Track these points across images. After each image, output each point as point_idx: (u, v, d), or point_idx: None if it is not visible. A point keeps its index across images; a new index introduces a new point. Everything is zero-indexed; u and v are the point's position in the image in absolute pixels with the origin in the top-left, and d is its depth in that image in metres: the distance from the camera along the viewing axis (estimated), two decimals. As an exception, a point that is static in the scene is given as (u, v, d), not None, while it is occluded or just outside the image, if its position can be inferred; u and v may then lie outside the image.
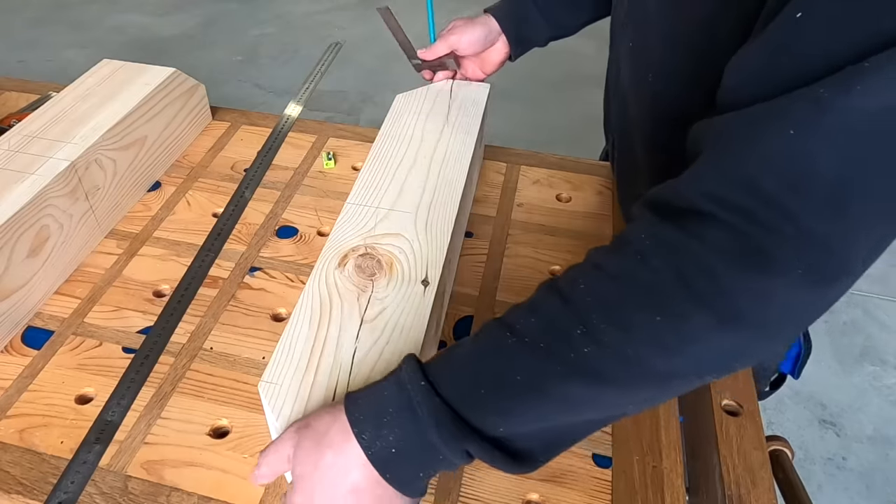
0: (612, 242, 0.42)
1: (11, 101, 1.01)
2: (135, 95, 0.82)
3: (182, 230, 0.79)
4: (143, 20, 3.18)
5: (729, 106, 0.40)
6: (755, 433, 0.62)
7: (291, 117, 0.97)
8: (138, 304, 0.70)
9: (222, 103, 1.02)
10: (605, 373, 0.38)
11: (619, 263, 0.40)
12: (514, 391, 0.40)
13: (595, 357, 0.38)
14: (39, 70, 2.79)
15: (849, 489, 1.46)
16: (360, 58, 2.81)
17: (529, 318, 0.41)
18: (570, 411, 0.40)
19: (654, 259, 0.38)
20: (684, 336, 0.37)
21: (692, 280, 0.36)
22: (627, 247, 0.40)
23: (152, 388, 0.62)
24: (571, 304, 0.40)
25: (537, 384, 0.39)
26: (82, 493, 0.54)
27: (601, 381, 0.38)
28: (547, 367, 0.39)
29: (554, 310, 0.40)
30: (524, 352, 0.40)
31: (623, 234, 0.41)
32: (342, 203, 0.66)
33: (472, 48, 0.81)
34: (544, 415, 0.40)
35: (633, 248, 0.39)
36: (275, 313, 0.69)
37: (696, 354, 0.37)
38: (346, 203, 0.65)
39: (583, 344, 0.38)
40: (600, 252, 0.42)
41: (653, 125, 0.64)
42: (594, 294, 0.39)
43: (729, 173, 0.37)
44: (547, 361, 0.39)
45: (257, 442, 0.58)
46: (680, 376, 0.39)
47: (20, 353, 0.65)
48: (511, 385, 0.40)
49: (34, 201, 0.66)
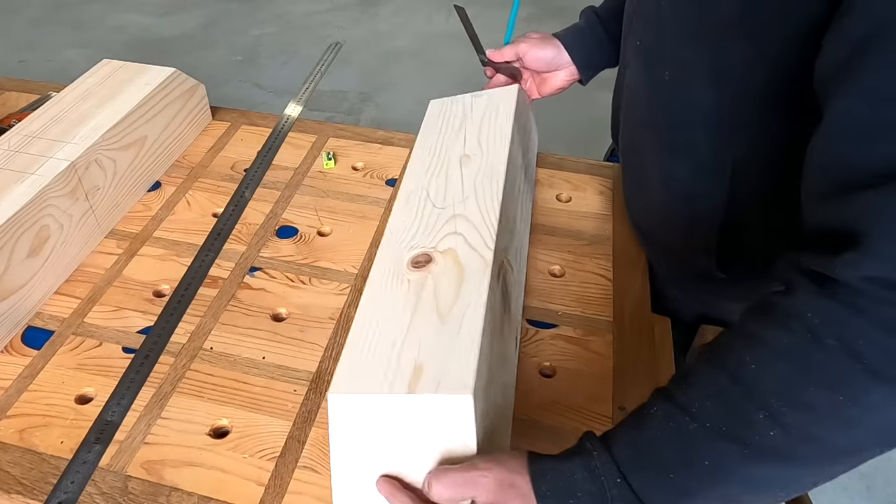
0: (768, 310, 0.42)
1: (11, 101, 1.01)
2: (135, 95, 0.82)
3: (182, 230, 0.79)
4: (144, 20, 3.18)
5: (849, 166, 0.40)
6: (755, 433, 0.62)
7: (291, 117, 0.97)
8: (138, 304, 0.70)
9: (222, 103, 1.02)
10: (791, 454, 0.39)
11: (789, 341, 0.40)
12: (700, 476, 0.41)
13: (781, 439, 0.39)
14: (39, 70, 2.79)
15: (849, 489, 1.46)
16: (360, 58, 2.81)
17: (705, 402, 0.41)
18: (754, 491, 0.41)
19: (826, 338, 0.38)
20: (864, 410, 0.38)
21: (867, 356, 0.37)
22: (793, 322, 0.40)
23: (152, 388, 0.62)
24: (745, 385, 0.40)
25: (724, 468, 0.40)
26: (82, 493, 0.54)
27: (788, 462, 0.40)
28: (733, 452, 0.40)
29: (728, 392, 0.41)
30: (709, 438, 0.41)
31: (784, 306, 0.41)
32: (342, 203, 0.66)
33: (536, 64, 0.81)
34: (728, 495, 0.41)
35: (801, 324, 0.39)
36: (275, 313, 0.69)
37: (876, 427, 0.38)
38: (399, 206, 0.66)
39: (767, 428, 0.39)
40: (760, 323, 0.42)
41: (667, 126, 0.64)
42: (769, 376, 0.40)
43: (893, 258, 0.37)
44: (733, 446, 0.40)
45: (257, 442, 0.58)
46: (863, 450, 0.40)
47: (20, 353, 0.65)
48: (698, 470, 0.41)
49: (34, 201, 0.66)
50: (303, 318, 0.69)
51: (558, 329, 0.68)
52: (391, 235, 0.62)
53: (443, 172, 0.69)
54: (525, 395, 0.62)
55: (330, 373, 0.63)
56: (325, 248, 0.77)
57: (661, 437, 0.43)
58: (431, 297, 0.55)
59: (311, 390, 0.62)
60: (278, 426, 0.59)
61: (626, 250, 0.77)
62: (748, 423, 0.40)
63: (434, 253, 0.59)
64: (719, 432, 0.40)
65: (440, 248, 0.59)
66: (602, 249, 0.77)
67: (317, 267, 0.75)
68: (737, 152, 0.59)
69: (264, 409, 0.60)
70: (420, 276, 0.57)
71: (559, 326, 0.68)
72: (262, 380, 0.63)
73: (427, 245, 0.60)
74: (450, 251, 0.59)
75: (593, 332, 0.68)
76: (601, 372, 0.64)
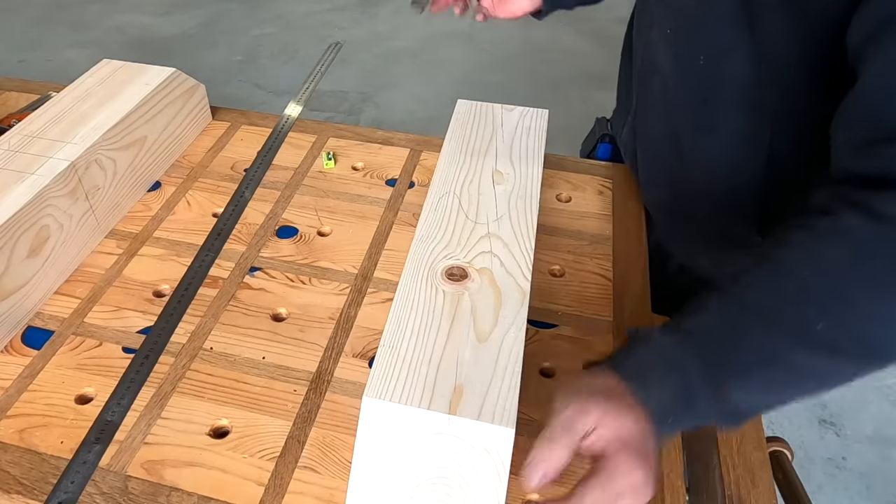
0: (815, 227, 0.47)
1: (11, 101, 1.01)
2: (135, 95, 0.82)
3: (182, 230, 0.79)
4: (144, 20, 3.18)
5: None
6: (755, 433, 0.62)
7: (291, 117, 0.97)
8: (138, 304, 0.70)
9: (222, 103, 1.02)
10: (837, 348, 0.44)
11: (839, 251, 0.45)
12: (750, 360, 0.46)
13: (829, 334, 0.44)
14: (39, 70, 2.79)
15: (849, 489, 1.46)
16: (360, 58, 2.81)
17: (760, 297, 0.46)
18: (797, 378, 0.46)
19: (875, 250, 0.44)
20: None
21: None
22: (843, 236, 0.45)
23: (152, 388, 0.62)
24: (798, 283, 0.45)
25: (774, 354, 0.45)
26: (82, 493, 0.54)
27: (833, 356, 0.44)
28: (784, 340, 0.45)
29: (784, 289, 0.46)
30: (763, 327, 0.45)
31: (830, 224, 0.46)
32: (342, 203, 0.66)
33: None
34: (774, 380, 0.46)
35: (850, 237, 0.45)
36: (275, 313, 0.69)
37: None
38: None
39: (817, 322, 0.44)
40: (810, 235, 0.47)
41: (704, 105, 0.66)
42: (820, 277, 0.45)
43: None
44: (785, 336, 0.45)
45: (257, 442, 0.58)
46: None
47: (20, 353, 0.65)
48: (748, 355, 0.46)
49: (34, 201, 0.66)
50: (303, 318, 0.69)
51: (558, 329, 0.68)
52: (422, 238, 0.63)
53: (475, 182, 0.70)
54: (525, 395, 0.62)
55: (330, 373, 0.63)
56: (325, 248, 0.77)
57: (719, 325, 0.47)
58: (468, 315, 0.55)
59: (311, 390, 0.62)
60: (278, 426, 0.59)
61: (626, 250, 0.77)
62: (800, 317, 0.44)
63: (469, 269, 0.60)
64: (773, 321, 0.45)
65: (476, 265, 0.60)
66: (602, 249, 0.77)
67: (317, 267, 0.75)
68: (775, 123, 0.62)
69: (264, 409, 0.60)
70: (456, 289, 0.57)
71: (559, 326, 0.68)
72: (262, 380, 0.63)
73: (461, 258, 0.61)
74: (485, 270, 0.60)
75: (593, 332, 0.68)
76: (601, 372, 0.64)
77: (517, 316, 0.55)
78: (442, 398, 0.48)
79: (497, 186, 0.70)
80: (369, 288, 0.72)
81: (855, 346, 0.44)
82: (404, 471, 0.49)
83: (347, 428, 0.59)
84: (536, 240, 0.65)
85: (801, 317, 0.44)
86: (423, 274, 0.59)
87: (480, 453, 0.47)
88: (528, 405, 0.61)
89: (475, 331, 0.54)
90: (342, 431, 0.59)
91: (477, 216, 0.66)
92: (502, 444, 0.47)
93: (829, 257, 0.45)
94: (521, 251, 0.62)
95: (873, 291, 0.43)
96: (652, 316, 0.70)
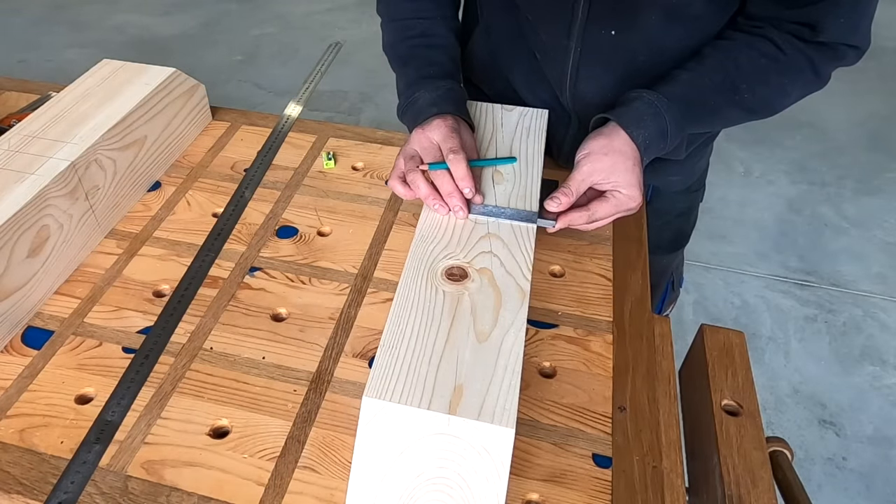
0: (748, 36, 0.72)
1: (11, 101, 1.01)
2: (135, 95, 0.82)
3: (182, 230, 0.79)
4: (143, 20, 3.18)
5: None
6: (755, 433, 0.62)
7: (291, 117, 0.97)
8: (138, 304, 0.70)
9: (222, 103, 1.02)
10: (753, 109, 0.73)
11: (766, 48, 0.71)
12: (705, 112, 0.73)
13: (750, 100, 0.72)
14: (39, 70, 2.79)
15: (849, 489, 1.46)
16: (360, 58, 2.81)
17: (713, 74, 0.72)
18: (724, 123, 0.78)
19: (791, 49, 0.70)
20: (798, 89, 0.73)
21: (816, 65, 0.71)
22: (770, 42, 0.70)
23: (152, 388, 0.62)
24: (738, 67, 0.71)
25: (718, 108, 0.73)
26: (82, 493, 0.54)
27: (749, 113, 0.74)
28: (726, 101, 0.72)
29: (728, 72, 0.71)
30: (715, 92, 0.72)
31: (762, 32, 0.71)
32: (342, 203, 0.66)
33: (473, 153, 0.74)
34: (714, 123, 0.78)
35: (773, 44, 0.70)
36: (275, 313, 0.69)
37: (797, 98, 0.74)
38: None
39: (744, 93, 0.72)
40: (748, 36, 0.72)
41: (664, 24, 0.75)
42: (751, 65, 0.71)
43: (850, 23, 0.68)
44: (726, 99, 0.72)
45: (257, 442, 0.58)
46: (784, 108, 0.75)
47: (20, 353, 0.65)
48: (703, 108, 0.73)
49: (34, 201, 0.66)
50: (303, 318, 0.69)
51: (558, 329, 0.68)
52: (422, 238, 0.63)
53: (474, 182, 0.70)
54: (525, 395, 0.62)
55: (330, 373, 0.63)
56: (325, 248, 0.77)
57: (687, 90, 0.72)
58: (468, 315, 0.55)
59: (310, 390, 0.62)
60: (278, 426, 0.59)
61: (626, 250, 0.78)
62: (735, 89, 0.72)
63: (469, 269, 0.60)
64: (717, 90, 0.72)
65: (475, 265, 0.60)
66: (602, 249, 0.77)
67: (317, 267, 0.75)
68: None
69: (264, 409, 0.60)
70: (455, 289, 0.58)
71: (559, 326, 0.68)
72: (262, 380, 0.63)
73: (461, 258, 0.61)
74: (485, 270, 0.60)
75: (593, 332, 0.68)
76: (601, 372, 0.64)
77: (517, 316, 0.55)
78: (442, 398, 0.48)
79: (497, 186, 0.70)
80: (369, 288, 0.72)
81: (763, 108, 0.73)
82: (404, 471, 0.49)
83: (347, 428, 0.59)
84: (536, 240, 0.65)
85: (735, 89, 0.71)
86: (423, 274, 0.59)
87: (480, 453, 0.47)
88: (528, 405, 0.61)
89: (475, 331, 0.54)
90: (342, 431, 0.59)
91: (477, 216, 0.66)
92: (502, 444, 0.47)
93: (763, 54, 0.70)
94: (520, 251, 0.62)
95: (784, 80, 0.71)
96: (652, 316, 0.70)
